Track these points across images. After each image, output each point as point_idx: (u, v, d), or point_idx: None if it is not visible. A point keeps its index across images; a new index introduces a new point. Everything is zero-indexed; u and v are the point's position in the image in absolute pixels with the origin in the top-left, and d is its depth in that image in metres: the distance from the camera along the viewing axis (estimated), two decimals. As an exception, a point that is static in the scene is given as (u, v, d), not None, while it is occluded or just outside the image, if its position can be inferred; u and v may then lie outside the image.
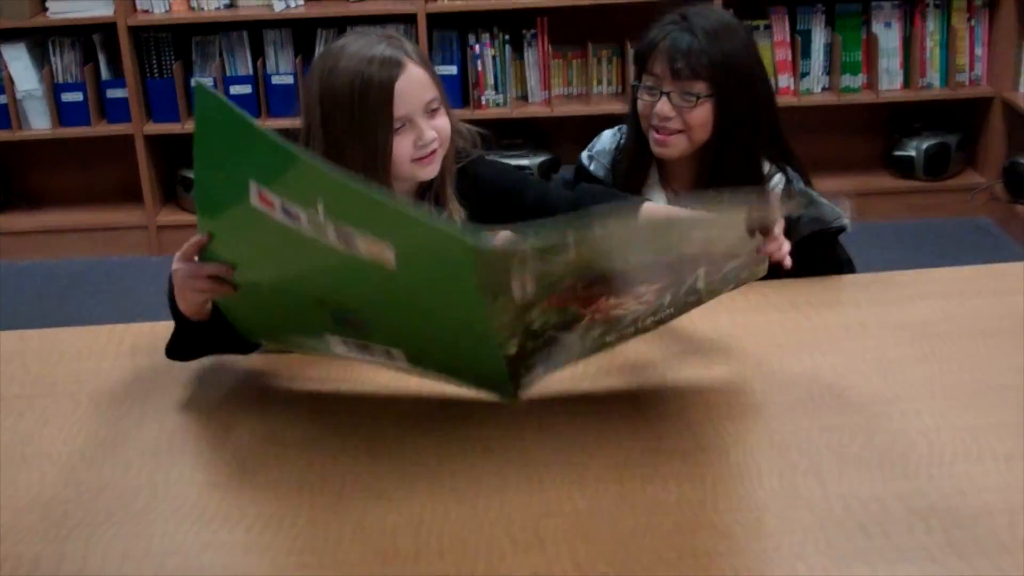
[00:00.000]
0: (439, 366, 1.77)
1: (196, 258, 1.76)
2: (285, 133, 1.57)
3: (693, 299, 1.82)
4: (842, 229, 2.32)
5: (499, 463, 1.72)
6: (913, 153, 4.72)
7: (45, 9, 4.49)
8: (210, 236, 1.71)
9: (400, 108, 1.96)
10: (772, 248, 1.81)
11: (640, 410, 1.84)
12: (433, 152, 2.01)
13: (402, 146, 1.99)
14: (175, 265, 1.79)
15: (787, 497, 1.62)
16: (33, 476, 1.75)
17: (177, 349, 1.93)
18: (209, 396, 1.94)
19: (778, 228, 1.80)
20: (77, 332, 2.20)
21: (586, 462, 1.72)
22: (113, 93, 4.59)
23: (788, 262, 1.83)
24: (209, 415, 1.89)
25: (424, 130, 1.99)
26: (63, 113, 4.60)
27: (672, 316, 1.83)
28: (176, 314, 1.87)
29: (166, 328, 1.93)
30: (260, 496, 1.68)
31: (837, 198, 2.35)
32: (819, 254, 2.27)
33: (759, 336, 2.03)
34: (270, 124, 4.40)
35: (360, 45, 1.97)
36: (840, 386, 1.88)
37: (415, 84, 1.96)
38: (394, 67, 1.95)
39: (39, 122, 4.62)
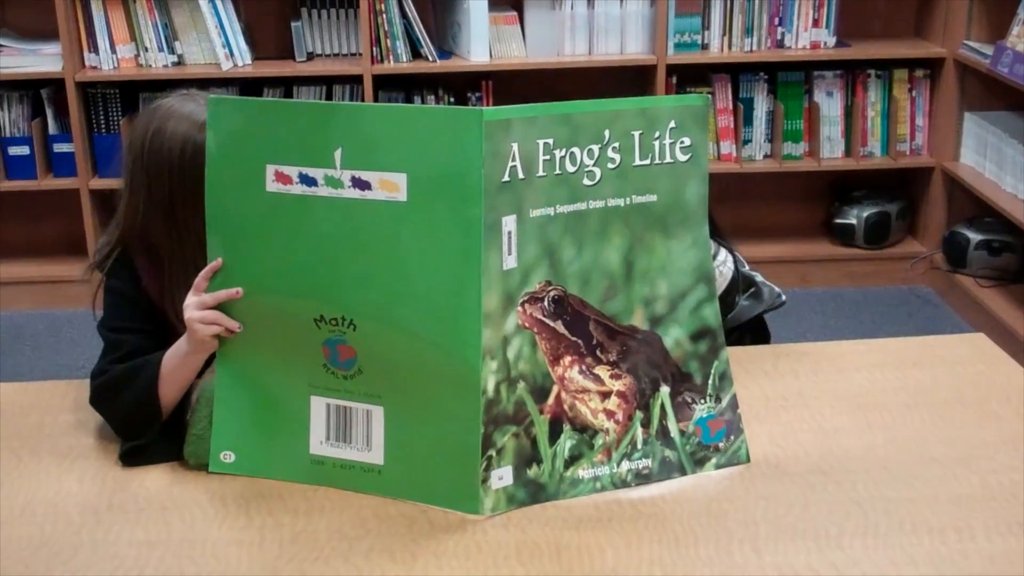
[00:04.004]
0: (416, 439, 1.80)
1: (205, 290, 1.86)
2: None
3: (671, 455, 1.86)
4: (780, 306, 2.37)
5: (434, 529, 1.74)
6: (854, 221, 4.78)
7: (-6, 62, 4.49)
8: (221, 260, 1.84)
9: None
10: None
11: (580, 476, 1.86)
12: None
13: None
14: (187, 302, 1.87)
15: (723, 566, 1.64)
16: (-29, 534, 1.74)
17: (135, 450, 1.93)
18: (151, 456, 1.93)
19: None
20: (20, 387, 2.19)
21: (523, 526, 1.73)
22: (60, 147, 4.57)
23: None
24: (151, 474, 1.88)
25: None
26: (10, 166, 4.57)
27: (649, 472, 1.85)
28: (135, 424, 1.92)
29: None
30: (199, 556, 1.68)
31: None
32: (747, 334, 2.33)
33: (699, 403, 2.06)
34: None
35: (189, 110, 2.01)
36: (777, 456, 1.91)
37: None
38: None
39: (-15, 174, 4.60)
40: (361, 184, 1.74)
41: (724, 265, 2.30)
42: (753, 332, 2.41)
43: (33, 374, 4.12)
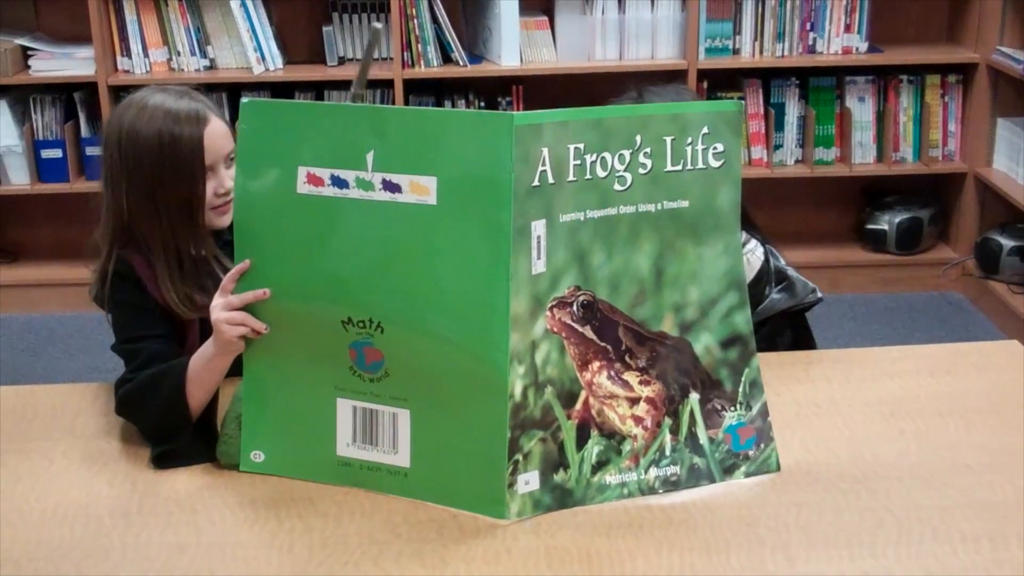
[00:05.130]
0: (443, 442, 1.80)
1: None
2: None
3: (700, 463, 1.85)
4: (815, 304, 2.35)
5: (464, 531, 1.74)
6: (885, 227, 4.76)
7: (28, 67, 4.50)
8: (248, 262, 1.84)
9: (206, 158, 2.06)
10: None
11: (611, 481, 1.85)
12: (229, 202, 2.07)
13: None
14: (213, 303, 1.87)
15: (754, 573, 1.63)
16: (4, 533, 1.75)
17: (167, 453, 1.94)
18: (181, 459, 1.94)
19: None
20: (51, 389, 2.21)
21: (553, 532, 1.73)
22: (92, 150, 4.59)
23: None
24: (181, 477, 1.89)
25: (224, 179, 2.10)
26: (42, 169, 4.60)
27: (677, 479, 1.84)
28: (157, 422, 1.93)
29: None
30: (229, 559, 1.68)
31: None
32: (787, 329, 2.30)
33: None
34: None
35: (160, 100, 2.06)
36: (809, 462, 1.90)
37: (218, 136, 2.07)
38: (201, 122, 2.05)
39: (18, 177, 4.62)
40: (392, 187, 1.74)
41: (752, 254, 2.30)
42: (795, 330, 2.39)
43: (64, 376, 4.14)
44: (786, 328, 2.36)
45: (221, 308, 1.86)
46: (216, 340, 1.88)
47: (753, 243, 2.32)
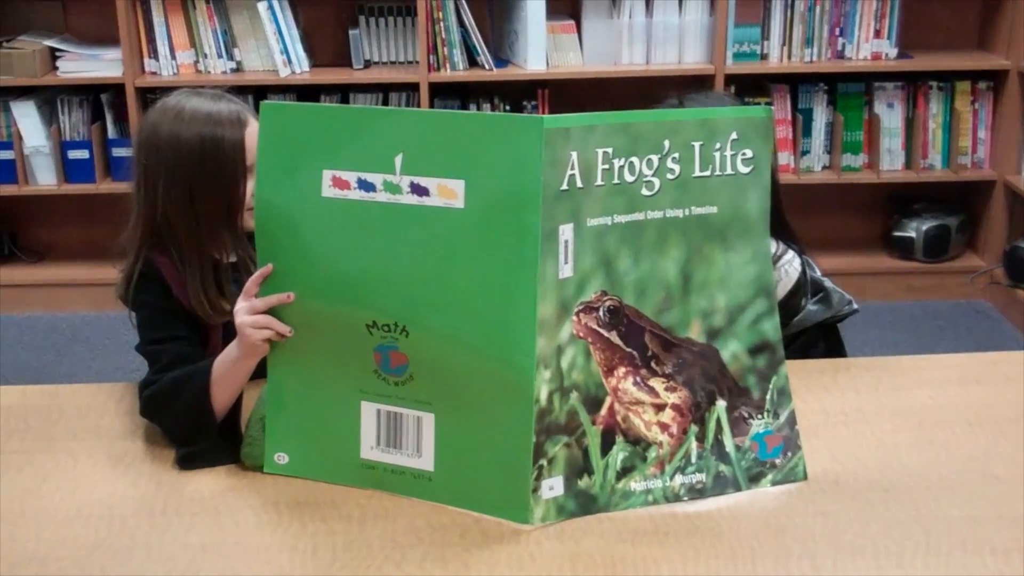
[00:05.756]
0: (467, 446, 1.79)
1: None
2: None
3: (726, 471, 1.84)
4: (851, 314, 2.34)
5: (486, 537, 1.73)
6: (913, 234, 4.73)
7: (55, 68, 4.52)
8: (271, 266, 1.84)
9: (248, 159, 2.05)
10: None
11: (636, 488, 1.84)
12: None
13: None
14: (237, 306, 1.87)
15: (781, 582, 1.63)
16: (30, 532, 1.75)
17: (192, 454, 1.94)
18: (205, 460, 1.93)
19: None
20: (76, 389, 2.21)
21: (577, 538, 1.72)
22: (119, 151, 4.61)
23: None
24: (205, 478, 1.89)
25: None
26: (69, 169, 4.62)
27: (703, 487, 1.83)
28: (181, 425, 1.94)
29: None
30: (252, 561, 1.68)
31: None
32: (820, 340, 2.29)
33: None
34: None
35: (197, 103, 2.07)
36: (836, 471, 1.88)
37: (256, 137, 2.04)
38: (242, 124, 2.06)
39: (45, 178, 4.64)
40: (419, 190, 1.73)
41: (790, 265, 2.28)
42: (828, 341, 2.38)
43: (89, 376, 4.15)
44: (820, 339, 2.34)
45: (245, 311, 1.86)
46: (240, 343, 1.88)
47: (790, 254, 2.30)
